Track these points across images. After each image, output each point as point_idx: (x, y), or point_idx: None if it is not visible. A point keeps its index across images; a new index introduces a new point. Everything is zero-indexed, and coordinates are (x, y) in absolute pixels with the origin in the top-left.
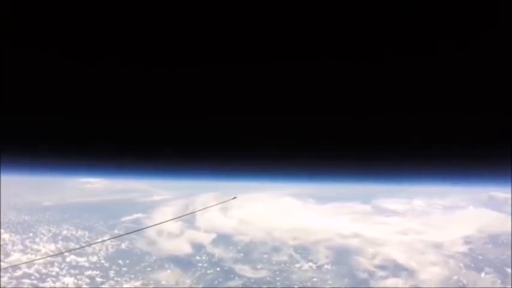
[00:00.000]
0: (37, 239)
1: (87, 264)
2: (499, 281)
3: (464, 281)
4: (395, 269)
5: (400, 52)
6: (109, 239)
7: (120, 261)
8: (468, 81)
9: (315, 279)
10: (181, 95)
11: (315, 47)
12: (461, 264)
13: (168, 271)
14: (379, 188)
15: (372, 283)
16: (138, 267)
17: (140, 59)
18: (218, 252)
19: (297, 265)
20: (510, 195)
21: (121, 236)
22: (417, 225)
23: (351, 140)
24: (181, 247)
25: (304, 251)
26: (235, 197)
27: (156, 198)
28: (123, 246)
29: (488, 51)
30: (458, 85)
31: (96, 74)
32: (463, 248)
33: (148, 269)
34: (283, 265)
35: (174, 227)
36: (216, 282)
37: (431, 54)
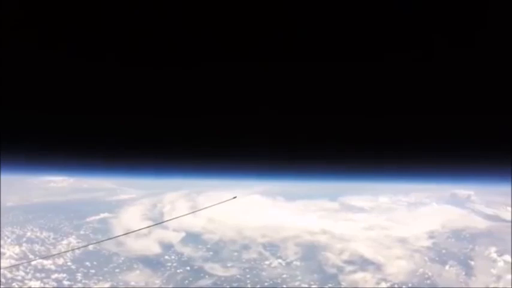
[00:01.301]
0: (1, 242)
1: (53, 267)
2: (463, 273)
3: (430, 273)
4: (363, 263)
5: (400, 52)
6: (108, 239)
7: (88, 263)
8: (468, 81)
9: (284, 276)
10: (180, 94)
11: (315, 47)
12: (426, 258)
13: (137, 272)
14: (345, 186)
15: (341, 278)
16: (106, 269)
17: (139, 59)
18: (187, 251)
19: (267, 262)
20: (472, 193)
21: (119, 236)
22: (383, 221)
23: (360, 140)
24: (150, 247)
25: (273, 248)
26: (235, 197)
27: (123, 197)
28: (90, 247)
29: (488, 51)
30: (458, 85)
31: (94, 74)
32: (428, 243)
33: (117, 270)
34: (253, 263)
35: (142, 226)
36: (186, 281)
37: (431, 55)
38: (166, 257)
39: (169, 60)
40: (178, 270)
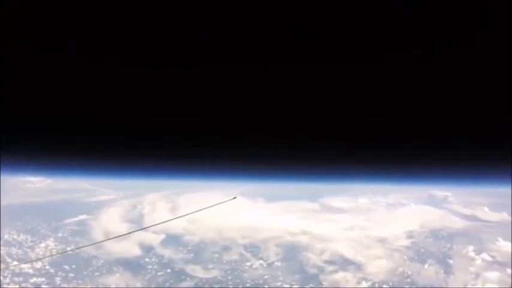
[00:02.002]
0: None
1: (31, 271)
2: (442, 271)
3: (409, 272)
4: (344, 263)
5: (400, 52)
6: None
7: (67, 267)
8: (468, 81)
9: (266, 277)
10: (180, 94)
11: (315, 47)
12: (406, 257)
13: (117, 275)
14: (325, 187)
15: (322, 277)
16: (85, 272)
17: (139, 59)
18: (168, 253)
19: (248, 263)
20: (449, 194)
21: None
22: (363, 222)
23: (360, 140)
24: (130, 249)
25: (254, 249)
26: (235, 197)
27: (102, 198)
28: (69, 250)
29: (488, 51)
30: (458, 85)
31: (94, 74)
32: (407, 242)
33: (97, 273)
34: (234, 264)
35: (121, 228)
36: (168, 284)
37: (431, 55)
38: (147, 259)
39: (169, 60)
40: (159, 273)
